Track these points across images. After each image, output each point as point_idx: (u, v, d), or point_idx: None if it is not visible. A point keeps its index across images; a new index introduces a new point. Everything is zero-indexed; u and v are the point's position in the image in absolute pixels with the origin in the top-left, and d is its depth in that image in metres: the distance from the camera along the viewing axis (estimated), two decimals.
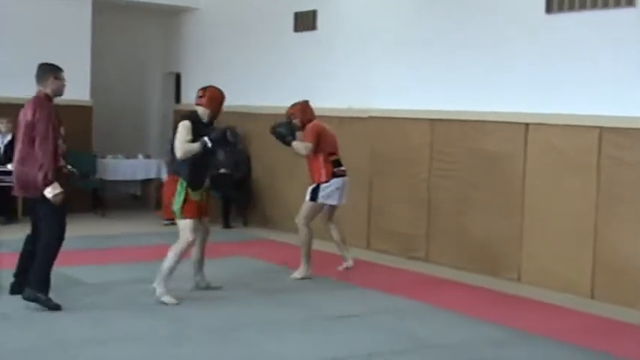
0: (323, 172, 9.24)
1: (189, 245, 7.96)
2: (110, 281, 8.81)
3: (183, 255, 7.93)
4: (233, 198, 13.06)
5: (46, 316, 7.32)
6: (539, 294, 8.82)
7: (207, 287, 8.44)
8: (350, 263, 9.70)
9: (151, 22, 15.93)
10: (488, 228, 9.75)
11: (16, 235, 11.32)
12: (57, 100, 7.88)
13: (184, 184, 7.91)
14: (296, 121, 9.42)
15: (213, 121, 8.29)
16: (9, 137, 12.44)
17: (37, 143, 7.47)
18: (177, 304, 7.77)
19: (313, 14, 12.24)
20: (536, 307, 8.33)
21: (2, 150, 12.44)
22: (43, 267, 7.56)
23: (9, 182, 11.89)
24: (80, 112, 13.62)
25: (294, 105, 9.54)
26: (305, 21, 12.39)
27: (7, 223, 12.37)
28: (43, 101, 7.69)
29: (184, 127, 7.96)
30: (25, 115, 7.64)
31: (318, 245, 11.38)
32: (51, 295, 7.58)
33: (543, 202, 9.20)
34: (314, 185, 9.29)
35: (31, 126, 7.55)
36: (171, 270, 7.86)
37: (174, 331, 7.06)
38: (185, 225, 7.89)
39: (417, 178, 10.63)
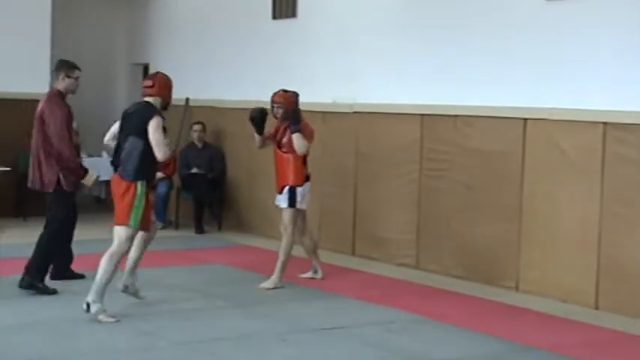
0: (300, 174, 9.22)
1: (124, 255, 7.85)
2: (73, 291, 8.73)
3: (118, 264, 7.78)
4: (206, 200, 13.01)
5: (0, 331, 7.25)
6: (539, 304, 8.81)
7: (135, 294, 8.28)
8: (320, 275, 9.66)
9: (117, 9, 15.85)
10: (484, 232, 9.75)
11: None
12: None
13: (143, 188, 7.74)
14: (277, 112, 9.31)
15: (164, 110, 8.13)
16: None
17: (55, 141, 8.54)
18: (116, 321, 7.58)
19: (293, 0, 12.21)
20: (535, 318, 8.33)
21: None
22: (44, 256, 8.60)
23: None
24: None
25: (283, 92, 9.38)
26: (284, 7, 12.36)
27: None
28: (54, 97, 8.76)
29: (160, 124, 7.74)
30: (37, 111, 8.74)
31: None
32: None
33: (543, 205, 9.20)
34: (288, 188, 9.23)
35: (40, 120, 8.66)
36: (108, 282, 7.66)
37: (143, 345, 7.02)
38: (129, 233, 7.74)
39: (406, 178, 10.61)
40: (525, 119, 9.32)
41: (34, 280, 8.57)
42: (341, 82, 11.41)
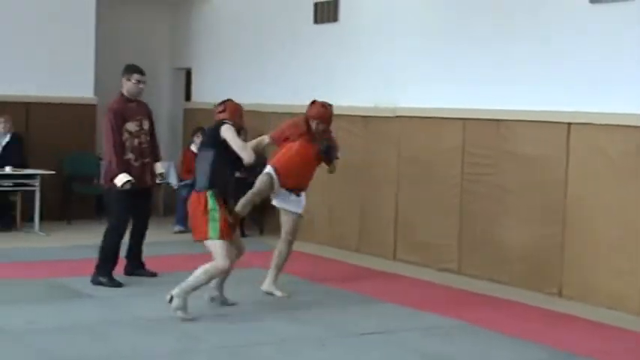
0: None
1: (223, 272, 7.91)
2: (116, 293, 8.79)
3: (213, 279, 7.90)
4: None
5: (41, 333, 7.27)
6: (583, 310, 8.69)
7: (223, 303, 8.36)
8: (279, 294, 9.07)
9: (159, 13, 15.90)
10: (527, 238, 9.64)
11: (11, 244, 11.40)
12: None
13: (214, 199, 7.79)
14: (317, 127, 9.02)
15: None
16: (7, 138, 12.44)
17: (104, 141, 9.16)
18: (191, 319, 7.69)
19: (335, 4, 12.17)
20: (579, 325, 8.22)
21: (0, 152, 12.42)
22: (101, 251, 9.04)
23: (6, 186, 12.01)
24: (83, 110, 13.63)
25: (322, 108, 9.12)
26: (326, 12, 12.32)
27: (5, 230, 12.37)
28: (114, 100, 9.31)
29: (232, 129, 7.96)
30: None
31: (324, 252, 11.35)
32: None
33: (587, 209, 9.07)
34: (302, 196, 9.15)
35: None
36: (195, 288, 7.77)
37: (185, 348, 7.01)
38: (219, 247, 7.74)
39: (447, 182, 10.53)
40: (569, 123, 9.20)
41: (97, 276, 9.02)
42: (383, 86, 11.35)
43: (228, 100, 8.44)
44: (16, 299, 8.42)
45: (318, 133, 9.03)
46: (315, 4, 12.45)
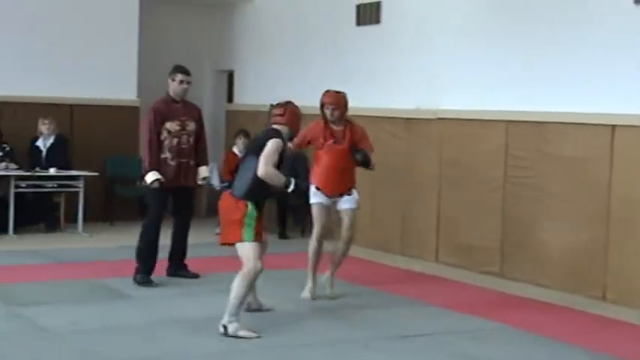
0: None
1: (258, 274, 7.53)
2: (160, 295, 8.85)
3: (252, 284, 7.62)
4: (290, 205, 13.01)
5: (85, 333, 7.34)
6: (627, 314, 8.61)
7: (259, 309, 8.24)
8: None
9: (203, 15, 15.97)
10: (570, 241, 9.57)
11: (55, 244, 11.50)
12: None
13: (254, 208, 7.50)
14: (332, 114, 8.97)
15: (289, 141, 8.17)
16: (52, 140, 12.55)
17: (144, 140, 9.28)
18: (258, 337, 7.33)
19: (377, 6, 12.16)
20: (623, 329, 8.16)
21: (45, 153, 12.54)
22: (136, 250, 9.25)
23: (51, 187, 12.13)
24: (126, 112, 13.73)
25: (335, 93, 9.03)
26: (368, 14, 12.31)
27: (49, 231, 12.49)
28: (158, 99, 9.52)
29: (276, 146, 7.56)
30: None
31: (367, 255, 11.34)
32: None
33: (632, 212, 8.98)
34: (354, 192, 9.17)
35: None
36: (242, 303, 7.47)
37: (228, 349, 7.03)
38: (250, 249, 7.45)
39: (490, 185, 10.48)
40: (614, 125, 9.12)
41: (135, 275, 9.19)
42: (425, 88, 11.33)
43: (289, 103, 8.10)
44: (59, 300, 8.50)
45: (335, 121, 8.98)
46: (358, 6, 12.44)
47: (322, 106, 9.04)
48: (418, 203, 11.43)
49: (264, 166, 7.47)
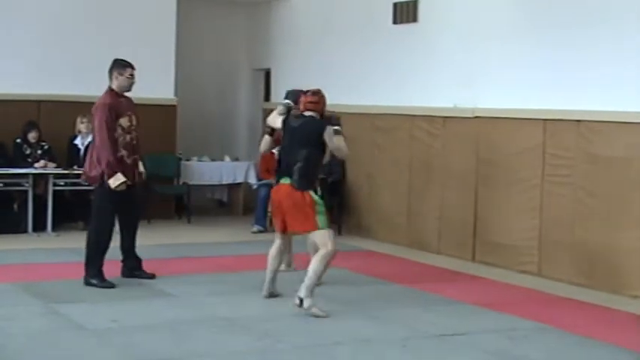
0: None
1: (335, 256, 8.11)
2: (197, 293, 8.88)
3: (329, 265, 8.11)
4: (326, 204, 12.94)
5: (123, 331, 7.39)
6: None
7: (276, 295, 8.58)
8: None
9: (239, 14, 16.03)
10: (608, 240, 9.50)
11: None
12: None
13: (317, 194, 8.13)
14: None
15: None
16: (89, 138, 12.61)
17: (95, 137, 8.94)
18: (326, 317, 7.89)
19: (414, 5, 12.13)
20: None
21: (82, 152, 12.63)
22: (86, 252, 8.98)
23: (89, 185, 12.19)
24: (164, 110, 13.78)
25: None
26: (405, 12, 12.29)
27: (87, 229, 12.56)
28: (104, 95, 9.06)
29: (332, 131, 8.14)
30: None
31: (403, 253, 11.33)
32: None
33: None
34: None
35: (91, 116, 9.18)
36: (319, 278, 8.05)
37: (263, 347, 7.05)
38: (326, 234, 8.05)
39: (527, 183, 10.43)
40: None
41: (87, 277, 8.97)
42: (462, 86, 11.29)
43: (319, 90, 8.39)
44: (97, 297, 8.55)
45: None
46: (395, 5, 12.42)
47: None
48: (455, 202, 11.40)
49: (342, 152, 8.33)
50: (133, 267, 9.41)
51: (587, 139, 9.74)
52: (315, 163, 8.14)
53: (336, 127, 8.20)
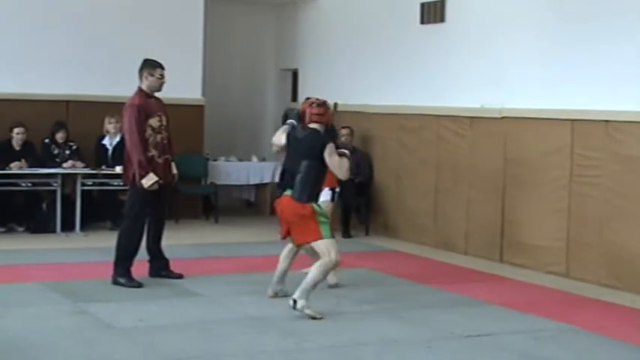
0: None
1: (336, 265, 8.15)
2: (224, 293, 8.95)
3: (328, 273, 8.19)
4: (354, 204, 13.05)
5: (151, 330, 7.47)
6: None
7: (285, 295, 8.49)
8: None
9: (267, 14, 16.09)
10: (637, 241, 9.47)
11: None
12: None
13: (318, 206, 8.10)
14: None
15: None
16: (117, 138, 12.73)
17: (126, 137, 9.08)
18: (321, 318, 7.88)
19: (441, 4, 12.14)
20: None
21: (111, 152, 12.74)
22: (116, 251, 9.07)
23: (117, 185, 12.31)
24: (191, 110, 13.86)
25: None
26: (432, 12, 12.30)
27: (115, 229, 12.66)
28: (133, 96, 9.12)
29: (334, 149, 8.08)
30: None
31: (430, 254, 11.34)
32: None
33: None
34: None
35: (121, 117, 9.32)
36: (315, 285, 8.00)
37: (289, 347, 7.11)
38: (329, 243, 8.02)
39: (555, 184, 10.43)
40: None
41: (115, 276, 9.06)
42: (489, 86, 11.30)
43: (325, 102, 8.41)
44: (125, 297, 8.64)
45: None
46: (422, 5, 12.43)
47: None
48: (482, 202, 11.41)
49: (343, 172, 8.12)
50: (160, 267, 9.49)
51: (615, 139, 9.72)
52: (316, 175, 8.08)
53: (342, 150, 8.26)
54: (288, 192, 8.11)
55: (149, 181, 8.88)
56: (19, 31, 12.96)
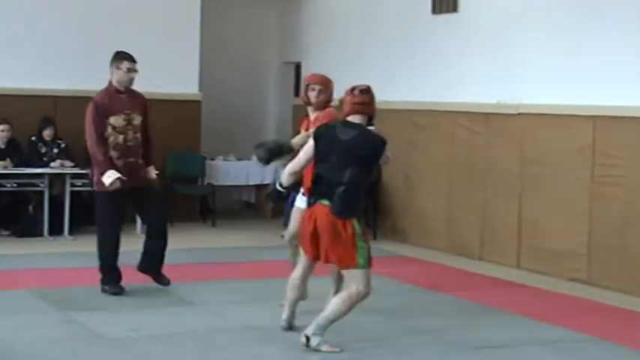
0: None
1: (364, 298, 7.24)
2: (221, 301, 8.95)
3: (353, 307, 7.24)
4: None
5: (144, 340, 7.47)
6: None
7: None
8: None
9: (268, 6, 16.09)
10: None
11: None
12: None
13: (361, 225, 7.16)
14: (316, 96, 8.07)
15: None
16: None
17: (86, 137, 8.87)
18: (340, 351, 7.19)
19: None
20: None
21: None
22: (100, 264, 9.02)
23: None
24: (187, 107, 13.87)
25: (321, 75, 8.24)
26: (445, 1, 12.30)
27: None
28: (99, 91, 9.02)
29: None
30: None
31: (443, 259, 11.35)
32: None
33: None
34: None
35: None
36: (335, 321, 7.22)
37: (294, 356, 7.12)
38: (364, 275, 7.15)
39: (576, 185, 10.42)
40: None
41: (101, 285, 9.03)
42: (505, 81, 11.29)
43: (369, 87, 7.39)
44: (116, 305, 8.64)
45: (320, 105, 8.19)
46: None
47: (307, 87, 8.24)
48: (498, 204, 11.40)
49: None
50: (150, 265, 9.16)
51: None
52: (366, 187, 7.30)
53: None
54: (325, 202, 7.11)
55: (109, 178, 8.66)
56: (3, 23, 12.97)
